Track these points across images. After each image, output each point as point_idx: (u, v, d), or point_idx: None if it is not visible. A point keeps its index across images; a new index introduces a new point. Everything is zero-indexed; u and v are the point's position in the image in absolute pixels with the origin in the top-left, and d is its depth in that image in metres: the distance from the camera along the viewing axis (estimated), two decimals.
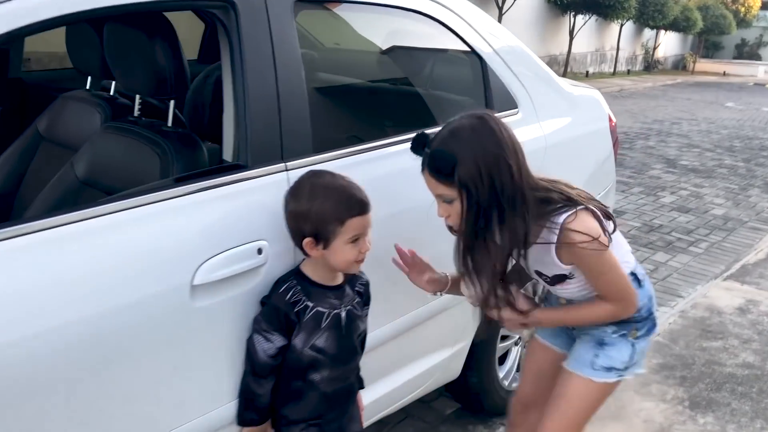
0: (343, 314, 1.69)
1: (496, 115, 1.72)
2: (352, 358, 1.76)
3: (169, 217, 1.49)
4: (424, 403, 2.81)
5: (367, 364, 1.95)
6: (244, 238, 1.58)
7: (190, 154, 1.83)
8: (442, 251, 2.12)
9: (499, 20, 14.68)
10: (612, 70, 21.52)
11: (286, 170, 1.69)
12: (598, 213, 1.66)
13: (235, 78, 1.65)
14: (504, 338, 2.66)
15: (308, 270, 1.66)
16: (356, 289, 1.75)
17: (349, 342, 1.72)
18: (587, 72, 19.76)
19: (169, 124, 1.90)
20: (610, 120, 3.10)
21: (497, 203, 1.55)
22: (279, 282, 1.63)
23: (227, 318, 1.57)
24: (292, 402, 1.70)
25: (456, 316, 2.31)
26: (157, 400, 1.48)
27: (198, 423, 1.57)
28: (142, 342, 1.42)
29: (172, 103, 1.90)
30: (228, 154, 1.70)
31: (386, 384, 2.16)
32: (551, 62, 18.51)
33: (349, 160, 1.87)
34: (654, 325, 1.85)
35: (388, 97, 2.68)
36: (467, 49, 2.32)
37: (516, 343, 2.75)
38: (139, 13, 1.79)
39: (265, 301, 1.62)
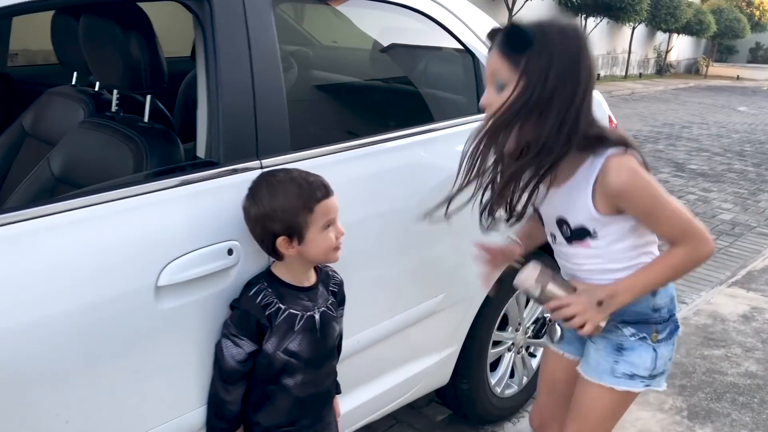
0: (317, 316, 1.62)
1: None
2: (328, 362, 1.69)
3: (132, 216, 1.43)
4: (414, 409, 2.75)
5: (350, 368, 1.90)
6: (214, 238, 1.52)
7: (165, 150, 1.78)
8: (428, 254, 2.07)
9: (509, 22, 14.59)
10: (624, 73, 21.39)
11: (261, 168, 1.63)
12: (645, 163, 1.56)
13: (209, 72, 1.59)
14: (496, 344, 2.59)
15: (279, 271, 1.59)
16: (330, 289, 1.69)
17: (325, 345, 1.66)
18: (598, 75, 19.64)
19: (146, 119, 1.85)
20: (611, 121, 3.03)
21: (549, 108, 1.41)
22: (249, 284, 1.57)
23: (195, 321, 1.51)
24: (265, 407, 1.64)
25: (444, 322, 2.24)
26: (118, 405, 1.42)
27: (164, 429, 1.51)
28: (102, 344, 1.36)
29: (148, 97, 1.85)
30: (201, 151, 1.64)
31: (370, 389, 2.10)
32: None
33: (331, 158, 1.80)
34: (676, 327, 1.71)
35: (376, 95, 2.62)
36: (459, 46, 2.26)
37: (509, 349, 2.68)
38: (113, 4, 1.74)
39: (234, 305, 1.56)
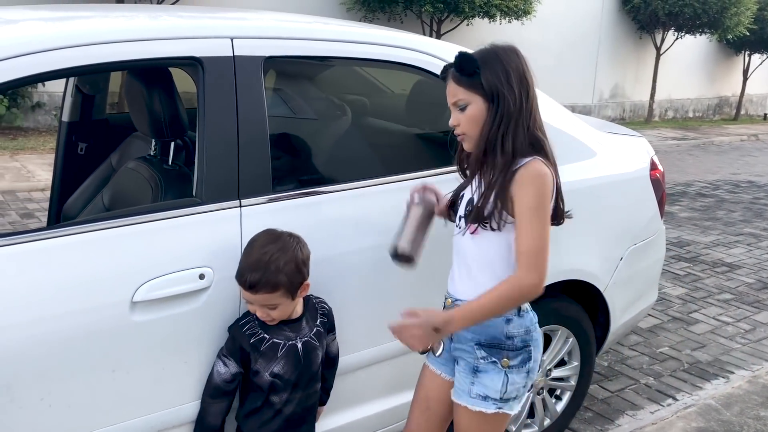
0: (300, 345, 1.88)
1: None
2: (311, 384, 1.92)
3: (119, 241, 1.75)
4: None
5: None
6: (187, 264, 1.81)
7: (178, 188, 2.11)
8: (412, 289, 2.23)
9: (656, 61, 14.12)
10: None
11: (240, 206, 1.91)
12: (558, 182, 1.78)
13: (199, 124, 1.90)
14: None
15: None
16: (319, 320, 1.94)
17: (308, 369, 1.90)
18: (765, 115, 18.30)
19: (170, 162, 2.21)
20: (655, 168, 3.01)
21: (515, 109, 1.71)
22: (243, 315, 1.88)
23: (167, 333, 1.79)
24: (253, 421, 1.89)
25: None
26: (95, 396, 1.72)
27: (138, 422, 1.80)
28: (82, 345, 1.68)
29: (172, 144, 2.21)
30: (194, 190, 1.95)
31: (356, 412, 2.27)
32: (722, 103, 17.41)
33: (310, 199, 2.05)
34: (529, 359, 1.84)
35: (374, 141, 2.83)
36: None
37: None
38: (136, 68, 2.11)
39: (229, 331, 1.86)
